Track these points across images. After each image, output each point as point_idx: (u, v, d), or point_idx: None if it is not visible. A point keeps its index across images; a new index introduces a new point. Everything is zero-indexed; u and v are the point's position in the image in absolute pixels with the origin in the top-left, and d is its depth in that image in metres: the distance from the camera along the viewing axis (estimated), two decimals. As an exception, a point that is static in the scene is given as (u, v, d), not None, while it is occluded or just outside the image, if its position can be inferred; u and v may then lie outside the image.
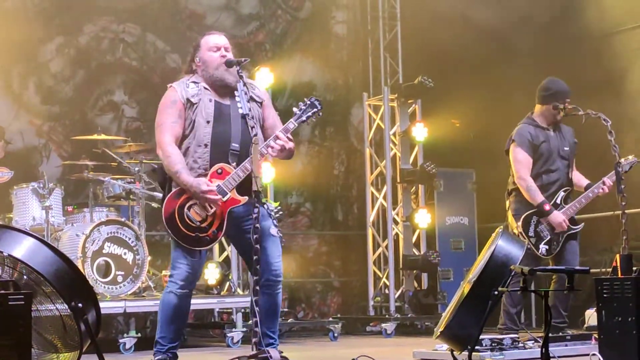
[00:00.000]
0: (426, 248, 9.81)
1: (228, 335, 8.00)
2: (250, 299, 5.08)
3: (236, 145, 5.15)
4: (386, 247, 9.97)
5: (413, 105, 9.99)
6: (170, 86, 5.28)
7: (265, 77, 8.77)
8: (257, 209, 4.83)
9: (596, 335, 5.23)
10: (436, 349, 5.89)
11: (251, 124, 4.97)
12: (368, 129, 10.29)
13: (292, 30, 10.89)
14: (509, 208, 6.83)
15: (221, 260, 8.63)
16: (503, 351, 5.68)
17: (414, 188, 9.97)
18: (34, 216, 7.71)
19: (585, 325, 7.30)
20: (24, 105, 9.21)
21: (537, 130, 6.78)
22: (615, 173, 6.13)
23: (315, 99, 5.29)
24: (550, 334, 4.52)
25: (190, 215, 5.09)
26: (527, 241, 6.54)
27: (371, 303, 9.97)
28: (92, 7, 9.56)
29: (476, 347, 5.43)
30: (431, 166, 9.52)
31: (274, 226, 5.20)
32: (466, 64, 10.26)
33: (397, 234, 9.92)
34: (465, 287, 5.37)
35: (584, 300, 8.08)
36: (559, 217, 6.65)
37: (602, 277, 5.03)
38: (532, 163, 6.73)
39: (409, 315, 9.52)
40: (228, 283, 8.38)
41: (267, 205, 5.21)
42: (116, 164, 8.38)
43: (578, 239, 6.82)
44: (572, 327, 7.05)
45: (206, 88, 5.22)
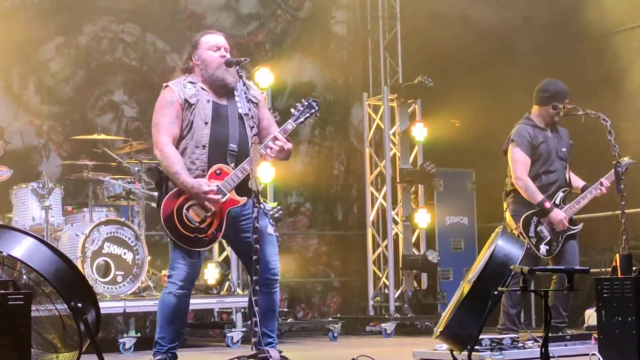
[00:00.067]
0: (426, 248, 9.81)
1: (228, 335, 8.00)
2: (246, 299, 5.07)
3: (234, 146, 5.13)
4: (386, 247, 9.97)
5: (413, 105, 9.99)
6: (166, 86, 5.22)
7: (265, 77, 8.78)
8: (258, 209, 4.82)
9: (596, 335, 5.23)
10: (436, 349, 5.88)
11: (250, 124, 4.96)
12: (368, 129, 10.28)
13: (292, 30, 10.88)
14: (507, 209, 6.82)
15: (221, 260, 8.62)
16: (503, 351, 5.68)
17: (414, 188, 9.97)
18: (34, 216, 7.71)
19: (585, 325, 7.29)
20: (24, 105, 9.21)
21: (536, 130, 6.77)
22: (615, 173, 6.12)
23: (312, 100, 5.28)
24: (550, 334, 4.52)
25: (189, 216, 5.07)
26: (528, 241, 6.54)
27: (371, 303, 9.97)
28: (92, 7, 9.55)
29: (476, 347, 5.43)
30: (431, 166, 9.52)
31: (271, 225, 5.20)
32: (466, 64, 10.26)
33: (397, 234, 9.92)
34: (465, 287, 5.37)
35: (584, 300, 8.08)
36: (560, 215, 6.65)
37: (602, 277, 5.02)
38: (532, 164, 6.72)
39: (409, 315, 9.52)
40: (228, 283, 8.38)
41: (263, 204, 5.20)
42: (116, 164, 8.37)
43: (577, 239, 6.82)
44: (572, 327, 7.04)
45: (203, 88, 5.19)
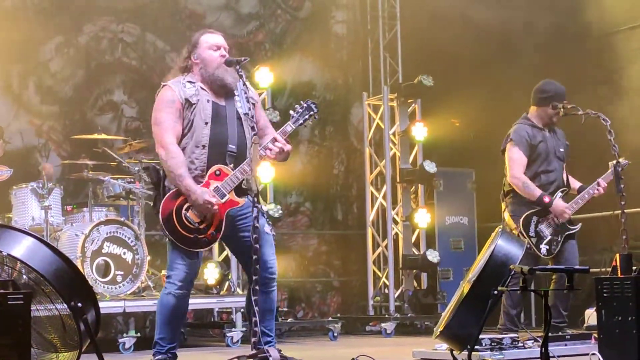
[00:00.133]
0: (426, 248, 9.80)
1: (227, 334, 7.99)
2: (244, 299, 5.05)
3: (233, 146, 5.13)
4: (386, 247, 9.97)
5: (413, 104, 9.99)
6: (164, 84, 5.20)
7: (264, 77, 8.78)
8: (258, 209, 4.81)
9: (596, 334, 5.23)
10: (436, 349, 5.88)
11: (250, 124, 4.95)
12: (368, 129, 10.28)
13: (292, 29, 10.88)
14: (506, 209, 6.79)
15: (221, 260, 8.62)
16: (503, 351, 5.68)
17: (414, 188, 9.97)
18: (33, 216, 7.71)
19: (585, 324, 7.30)
20: (24, 105, 9.21)
21: (534, 130, 6.76)
22: (615, 173, 6.13)
23: (311, 102, 5.28)
24: (550, 334, 4.52)
25: (188, 216, 5.06)
26: (528, 241, 6.53)
27: (371, 303, 9.97)
28: (92, 7, 9.55)
29: (476, 347, 5.43)
30: (431, 164, 9.52)
31: (268, 224, 5.20)
32: (466, 64, 10.25)
33: (397, 234, 9.92)
34: (465, 287, 5.37)
35: (584, 299, 8.08)
36: (561, 206, 6.62)
37: (602, 277, 5.02)
38: (530, 163, 6.71)
39: (409, 315, 9.51)
40: (227, 283, 8.38)
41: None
42: (116, 164, 8.37)
43: (576, 239, 6.82)
44: (572, 327, 7.04)
45: (203, 88, 5.18)
